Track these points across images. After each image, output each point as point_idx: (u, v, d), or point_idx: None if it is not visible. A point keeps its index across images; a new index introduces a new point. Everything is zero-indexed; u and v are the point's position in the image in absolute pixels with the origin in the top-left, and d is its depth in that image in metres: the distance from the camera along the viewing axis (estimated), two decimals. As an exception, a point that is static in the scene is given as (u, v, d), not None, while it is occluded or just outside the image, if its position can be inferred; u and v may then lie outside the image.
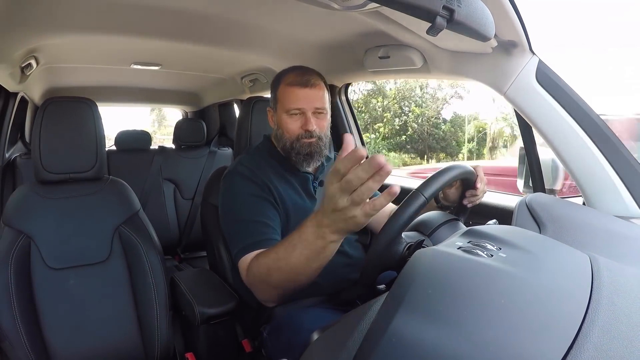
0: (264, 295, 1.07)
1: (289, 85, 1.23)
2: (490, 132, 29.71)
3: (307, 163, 1.24)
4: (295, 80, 1.23)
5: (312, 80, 1.23)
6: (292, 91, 1.22)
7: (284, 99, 1.23)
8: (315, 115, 1.23)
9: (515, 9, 1.01)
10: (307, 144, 1.22)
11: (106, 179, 1.48)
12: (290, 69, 1.28)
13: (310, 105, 1.21)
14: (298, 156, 1.23)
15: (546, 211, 0.93)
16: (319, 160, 1.27)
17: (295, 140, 1.22)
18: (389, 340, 0.45)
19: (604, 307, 0.52)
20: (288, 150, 1.24)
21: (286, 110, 1.22)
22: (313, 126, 1.21)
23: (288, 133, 1.23)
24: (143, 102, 3.57)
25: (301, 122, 1.22)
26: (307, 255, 0.87)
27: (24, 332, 1.19)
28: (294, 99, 1.21)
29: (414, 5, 0.61)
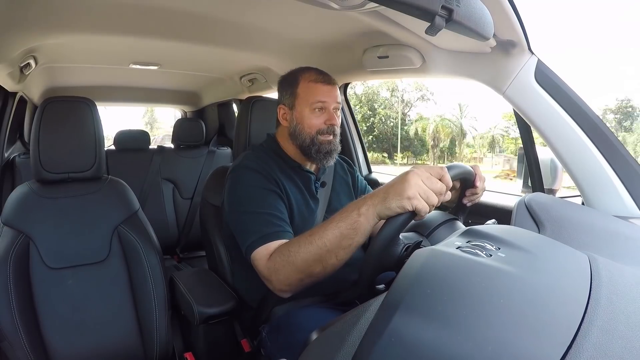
0: (285, 281, 1.01)
1: (313, 82, 1.25)
2: (429, 132, 32.08)
3: (327, 160, 1.26)
4: (318, 77, 1.26)
5: (333, 80, 1.28)
6: (317, 87, 1.24)
7: (307, 94, 1.25)
8: (334, 112, 1.26)
9: (514, 8, 1.01)
10: (327, 142, 1.24)
11: (105, 178, 1.48)
12: (305, 68, 1.30)
13: (332, 100, 1.25)
14: (318, 154, 1.24)
15: (545, 211, 0.93)
16: (334, 158, 1.29)
17: (315, 135, 1.23)
18: (387, 340, 0.45)
19: (603, 307, 0.52)
20: (308, 145, 1.24)
21: (310, 105, 1.24)
22: (337, 121, 1.25)
23: (310, 127, 1.24)
24: (142, 102, 3.58)
25: (324, 118, 1.24)
26: (341, 229, 0.90)
27: (23, 332, 1.19)
28: (319, 94, 1.24)
29: (413, 5, 0.61)
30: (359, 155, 2.31)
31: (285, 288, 1.02)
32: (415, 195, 0.82)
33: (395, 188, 0.84)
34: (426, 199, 0.83)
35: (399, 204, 0.83)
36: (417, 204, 0.82)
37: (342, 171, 1.44)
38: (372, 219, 0.87)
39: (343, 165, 1.46)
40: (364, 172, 2.32)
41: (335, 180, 1.38)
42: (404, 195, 0.82)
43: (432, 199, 0.84)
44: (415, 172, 0.85)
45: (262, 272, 1.05)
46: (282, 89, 1.31)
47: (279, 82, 1.33)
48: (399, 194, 0.83)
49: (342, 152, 2.18)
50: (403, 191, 0.82)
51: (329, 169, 1.36)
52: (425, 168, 0.87)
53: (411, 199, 0.82)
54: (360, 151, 2.32)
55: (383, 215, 0.86)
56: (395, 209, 0.83)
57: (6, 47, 1.46)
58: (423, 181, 0.84)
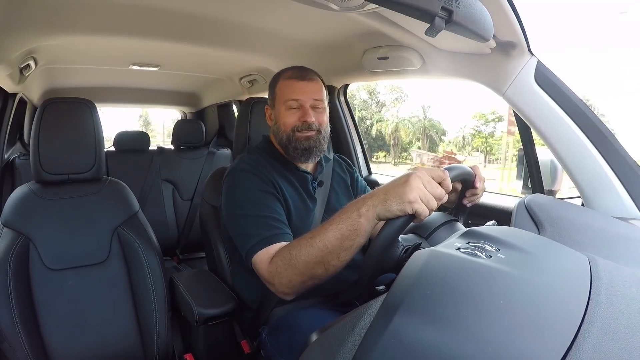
0: (287, 284, 1.00)
1: (289, 79, 1.26)
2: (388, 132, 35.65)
3: (306, 158, 1.25)
4: (294, 74, 1.26)
5: (310, 75, 1.26)
6: (290, 84, 1.24)
7: (282, 92, 1.25)
8: (313, 109, 1.24)
9: (514, 10, 1.01)
10: (304, 138, 1.22)
11: (105, 179, 1.48)
12: (288, 68, 1.31)
13: (308, 96, 1.23)
14: (296, 151, 1.23)
15: (545, 212, 0.93)
16: (318, 156, 1.28)
17: (291, 132, 1.23)
18: (387, 341, 0.45)
19: (603, 308, 0.52)
20: (285, 144, 1.24)
21: (284, 102, 1.24)
22: (311, 118, 1.23)
23: (285, 126, 1.24)
24: (142, 103, 3.58)
25: (299, 115, 1.23)
26: (342, 230, 0.89)
27: (22, 333, 1.19)
28: (292, 91, 1.23)
29: (413, 6, 0.61)
30: (358, 156, 2.30)
31: (288, 291, 1.01)
32: (416, 199, 0.81)
33: (396, 190, 0.84)
34: (426, 203, 0.82)
35: (399, 207, 0.82)
36: (418, 207, 0.81)
37: (341, 170, 1.43)
38: (372, 220, 0.87)
39: (342, 165, 1.46)
40: (364, 173, 2.32)
41: (334, 179, 1.38)
42: (404, 198, 0.82)
43: (432, 204, 0.83)
44: (417, 175, 0.84)
45: (264, 275, 1.05)
46: (269, 90, 1.33)
47: (269, 84, 1.34)
48: (399, 196, 0.82)
49: (342, 153, 2.20)
50: (404, 194, 0.82)
51: (327, 168, 1.36)
52: (427, 171, 0.86)
53: (412, 203, 0.81)
54: (360, 152, 2.32)
55: (383, 217, 0.86)
56: (396, 212, 0.83)
57: (6, 48, 1.46)
58: (424, 185, 0.83)
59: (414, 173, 0.85)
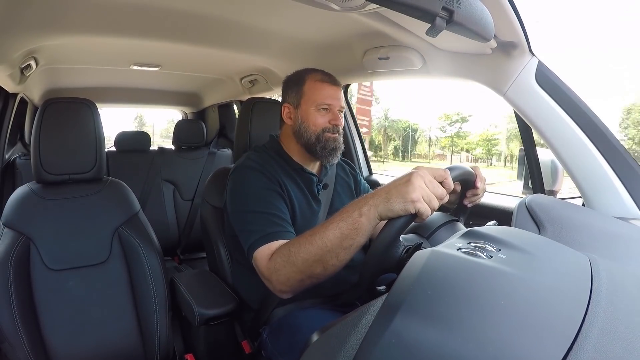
0: (285, 282, 1.00)
1: (321, 82, 1.27)
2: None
3: (332, 157, 1.28)
4: (325, 77, 1.29)
5: (338, 81, 1.30)
6: (323, 87, 1.27)
7: (314, 94, 1.27)
8: (338, 113, 1.28)
9: (514, 10, 1.01)
10: (332, 139, 1.26)
11: (106, 180, 1.48)
12: (312, 69, 1.32)
13: (337, 102, 1.28)
14: (324, 150, 1.26)
15: (546, 212, 0.93)
16: (338, 157, 1.31)
17: (320, 133, 1.25)
18: (388, 342, 0.45)
19: (604, 308, 0.52)
20: (313, 142, 1.26)
21: (316, 104, 1.26)
22: (342, 122, 1.28)
23: (315, 126, 1.25)
24: (143, 103, 3.57)
25: (329, 117, 1.26)
26: (342, 229, 0.89)
27: (23, 334, 1.19)
28: (326, 95, 1.26)
29: (414, 6, 0.61)
30: (359, 156, 2.31)
31: (285, 288, 1.01)
32: (418, 198, 0.81)
33: (398, 190, 0.83)
34: (428, 202, 0.82)
35: (401, 206, 0.82)
36: (420, 207, 0.81)
37: (344, 173, 1.44)
38: (374, 220, 0.87)
39: (345, 167, 1.46)
40: (365, 174, 2.32)
41: (337, 182, 1.39)
42: (407, 198, 0.81)
43: (434, 203, 0.83)
44: (418, 175, 0.84)
45: (263, 271, 1.04)
46: (287, 88, 1.32)
47: (284, 82, 1.35)
48: (402, 196, 0.82)
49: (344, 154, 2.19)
50: (407, 194, 0.82)
51: (330, 171, 1.36)
52: (429, 170, 0.86)
53: (414, 202, 0.81)
54: (360, 152, 2.32)
55: (384, 217, 0.86)
56: (398, 211, 0.83)
57: (7, 48, 1.46)
58: (426, 184, 0.83)
59: (415, 172, 0.85)
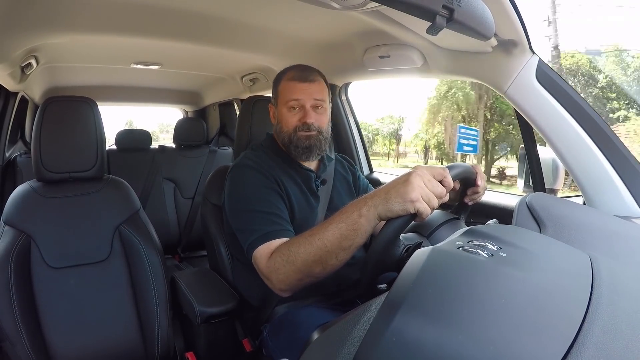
0: (285, 280, 1.00)
1: (290, 80, 1.26)
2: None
3: (307, 156, 1.26)
4: (296, 75, 1.26)
5: (312, 76, 1.26)
6: (292, 85, 1.25)
7: (283, 93, 1.26)
8: (314, 110, 1.25)
9: (515, 8, 1.01)
10: (305, 137, 1.24)
11: (106, 178, 1.48)
12: (292, 67, 1.31)
13: (308, 97, 1.24)
14: (297, 149, 1.24)
15: (546, 211, 0.93)
16: (319, 155, 1.29)
17: (292, 133, 1.24)
18: (389, 340, 0.45)
19: (604, 306, 0.52)
20: (287, 143, 1.26)
21: (285, 103, 1.25)
22: (311, 119, 1.24)
23: (286, 126, 1.25)
24: (143, 102, 3.58)
25: (299, 116, 1.24)
26: (341, 230, 0.89)
27: (24, 332, 1.19)
28: (293, 92, 1.24)
29: (414, 5, 0.61)
30: (360, 154, 2.30)
31: (284, 287, 1.01)
32: (418, 198, 0.81)
33: (397, 190, 0.83)
34: (428, 201, 0.82)
35: (401, 206, 0.82)
36: (420, 206, 0.81)
37: (343, 169, 1.44)
38: (373, 220, 0.87)
39: (344, 164, 1.46)
40: (365, 172, 2.32)
41: (336, 178, 1.38)
42: (406, 197, 0.81)
43: (434, 202, 0.84)
44: (417, 174, 0.84)
45: (263, 270, 1.05)
46: (272, 88, 1.33)
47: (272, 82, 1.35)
48: (401, 196, 0.82)
49: (343, 152, 2.20)
50: (406, 194, 0.82)
51: (329, 167, 1.36)
52: (427, 169, 0.86)
53: (414, 202, 0.81)
54: (361, 150, 2.31)
55: (384, 217, 0.86)
56: (398, 211, 0.83)
57: (7, 46, 1.46)
58: (425, 183, 0.83)
59: (414, 172, 0.85)
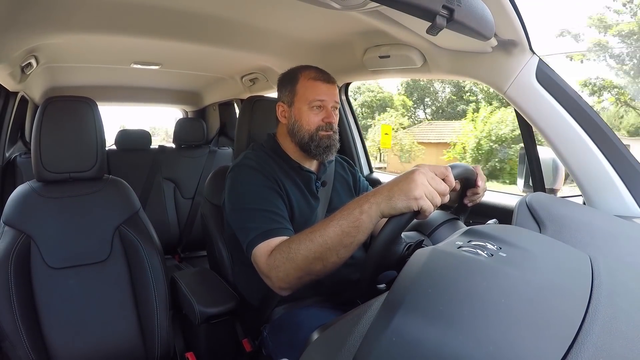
0: (284, 278, 0.99)
1: (313, 79, 1.26)
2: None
3: (326, 155, 1.27)
4: (318, 75, 1.27)
5: (332, 78, 1.29)
6: (316, 85, 1.25)
7: (306, 91, 1.25)
8: (332, 111, 1.27)
9: (515, 8, 1.01)
10: (326, 137, 1.25)
11: (106, 178, 1.47)
12: (305, 67, 1.31)
13: (331, 99, 1.26)
14: (318, 148, 1.25)
15: (546, 211, 0.93)
16: (334, 154, 1.30)
17: (314, 132, 1.24)
18: (389, 340, 0.45)
19: (604, 306, 0.52)
20: (307, 142, 1.25)
21: (308, 102, 1.25)
22: (334, 119, 1.26)
23: (308, 125, 1.25)
24: (143, 102, 3.57)
25: (322, 115, 1.25)
26: (343, 227, 0.89)
27: (24, 332, 1.19)
28: (318, 92, 1.25)
29: (414, 5, 0.61)
30: (359, 154, 2.30)
31: (284, 285, 1.01)
32: (421, 196, 0.81)
33: (401, 187, 0.83)
34: (431, 199, 0.82)
35: (405, 203, 0.82)
36: (423, 204, 0.81)
37: (343, 170, 1.44)
38: (375, 218, 0.87)
39: (343, 165, 1.46)
40: (365, 172, 2.32)
41: (336, 179, 1.38)
42: (410, 195, 0.82)
43: (437, 200, 0.84)
44: (421, 172, 0.84)
45: (262, 268, 1.04)
46: (282, 87, 1.32)
47: (279, 80, 1.34)
48: (405, 193, 0.82)
49: (343, 152, 2.20)
50: (410, 191, 0.82)
51: (329, 169, 1.36)
52: (430, 167, 0.86)
53: (418, 199, 0.81)
54: (361, 151, 2.32)
55: (387, 214, 0.85)
56: (401, 209, 0.83)
57: (7, 46, 1.46)
58: (428, 181, 0.83)
59: (417, 170, 0.85)
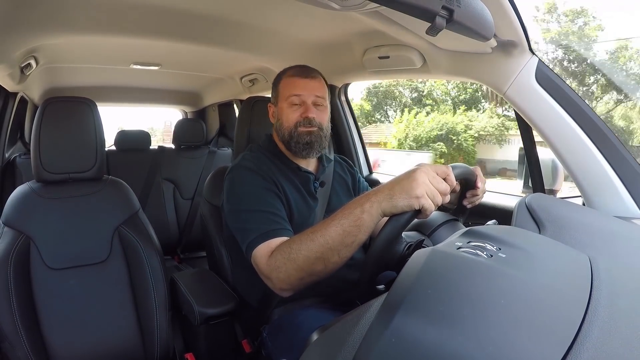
0: (285, 279, 0.98)
1: (292, 76, 1.27)
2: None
3: (307, 152, 1.25)
4: (296, 72, 1.28)
5: (312, 73, 1.28)
6: (292, 81, 1.26)
7: (284, 89, 1.27)
8: (315, 107, 1.26)
9: (514, 9, 1.01)
10: (306, 132, 1.24)
11: (106, 179, 1.47)
12: (292, 66, 1.32)
13: (310, 93, 1.25)
14: (297, 145, 1.24)
15: (546, 211, 0.93)
16: (319, 152, 1.29)
17: (293, 128, 1.24)
18: (388, 340, 0.45)
19: (604, 307, 0.52)
20: (287, 139, 1.25)
21: (286, 99, 1.25)
22: (312, 114, 1.24)
23: (287, 122, 1.25)
24: (142, 103, 3.58)
25: (301, 111, 1.25)
26: (344, 226, 0.89)
27: (23, 333, 1.19)
28: (294, 87, 1.25)
29: (414, 5, 0.61)
30: (359, 155, 2.30)
31: (285, 287, 1.00)
32: (422, 194, 0.81)
33: (402, 186, 0.83)
34: (432, 198, 0.83)
35: (406, 202, 0.82)
36: (425, 202, 0.81)
37: (342, 171, 1.44)
38: (376, 217, 0.87)
39: (342, 165, 1.46)
40: (365, 173, 2.32)
41: (335, 180, 1.38)
42: (412, 193, 0.82)
43: (438, 199, 0.84)
44: (422, 171, 0.84)
45: (263, 270, 1.04)
46: (272, 90, 1.34)
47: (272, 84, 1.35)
48: (406, 192, 0.82)
49: (342, 153, 2.20)
50: (411, 189, 0.82)
51: (328, 169, 1.36)
52: (431, 167, 0.87)
53: (419, 198, 0.81)
54: (360, 151, 2.31)
55: (388, 213, 0.85)
56: (402, 207, 0.83)
57: (7, 47, 1.46)
58: (430, 180, 0.83)
59: (419, 169, 0.85)
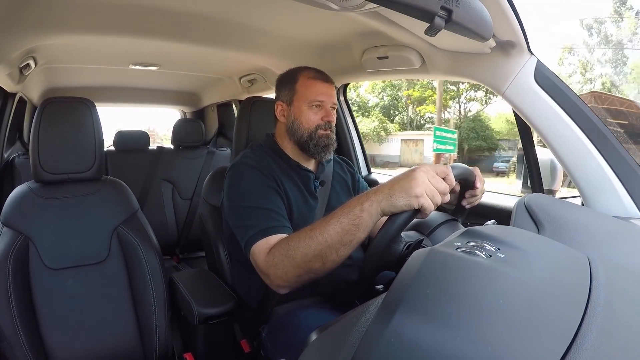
0: (283, 276, 0.98)
1: (313, 79, 1.28)
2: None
3: (325, 154, 1.28)
4: (317, 75, 1.29)
5: (329, 79, 1.31)
6: (316, 84, 1.27)
7: (306, 90, 1.27)
8: (331, 110, 1.29)
9: (513, 9, 1.01)
10: (325, 135, 1.26)
11: (104, 179, 1.47)
12: (304, 67, 1.32)
13: (329, 99, 1.28)
14: (317, 147, 1.26)
15: (545, 211, 0.93)
16: (331, 154, 1.32)
17: (313, 130, 1.26)
18: (387, 341, 0.45)
19: (602, 308, 0.52)
20: (306, 140, 1.26)
21: (308, 102, 1.26)
22: (333, 118, 1.28)
23: (308, 123, 1.26)
24: (141, 103, 3.57)
25: (322, 114, 1.27)
26: (343, 224, 0.89)
27: (22, 333, 1.19)
28: (318, 92, 1.26)
29: (412, 6, 0.61)
30: (358, 155, 2.31)
31: (282, 284, 1.00)
32: (422, 194, 0.82)
33: (401, 185, 0.84)
34: (431, 197, 0.83)
35: (406, 201, 0.82)
36: (424, 202, 0.82)
37: (341, 170, 1.44)
38: (375, 215, 0.87)
39: (342, 165, 1.46)
40: (364, 173, 2.32)
41: (334, 179, 1.39)
42: (411, 192, 0.82)
43: (437, 198, 0.84)
44: (422, 170, 0.84)
45: (261, 266, 1.04)
46: (281, 86, 1.33)
47: (278, 80, 1.35)
48: (406, 191, 0.83)
49: (342, 153, 2.20)
50: (411, 189, 0.82)
51: (327, 168, 1.37)
52: (431, 166, 0.87)
53: (419, 197, 0.82)
54: (359, 151, 2.32)
55: (387, 212, 0.86)
56: (402, 207, 0.83)
57: (6, 47, 1.46)
58: (429, 180, 0.84)
59: (418, 168, 0.85)
